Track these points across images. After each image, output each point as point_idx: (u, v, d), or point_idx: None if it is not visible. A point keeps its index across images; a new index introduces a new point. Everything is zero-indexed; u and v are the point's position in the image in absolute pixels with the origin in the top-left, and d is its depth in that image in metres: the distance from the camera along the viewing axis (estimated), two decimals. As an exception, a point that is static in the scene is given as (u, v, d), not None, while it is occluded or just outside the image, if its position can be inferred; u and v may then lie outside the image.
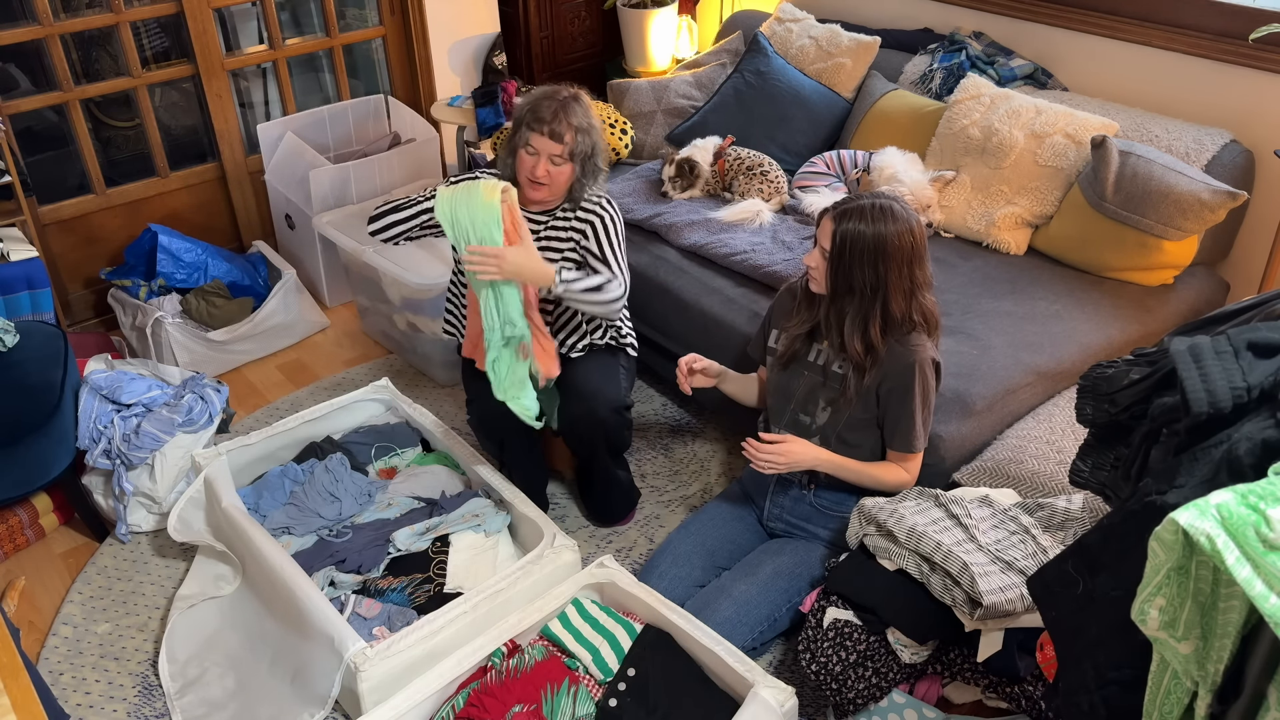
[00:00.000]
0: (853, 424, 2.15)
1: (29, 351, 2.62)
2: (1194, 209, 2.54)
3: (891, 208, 2.05)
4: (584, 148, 2.34)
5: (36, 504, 2.67)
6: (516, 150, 2.35)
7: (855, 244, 2.03)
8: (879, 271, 2.04)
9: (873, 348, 2.09)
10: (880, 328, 2.08)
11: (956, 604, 1.85)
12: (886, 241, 2.02)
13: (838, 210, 2.07)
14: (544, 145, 2.31)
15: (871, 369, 2.10)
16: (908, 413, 2.10)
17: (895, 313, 2.07)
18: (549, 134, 2.29)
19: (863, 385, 2.12)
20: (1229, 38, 2.76)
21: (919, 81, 3.33)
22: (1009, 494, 2.13)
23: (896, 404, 2.10)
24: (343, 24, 3.87)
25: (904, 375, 2.08)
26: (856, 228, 2.03)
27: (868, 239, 2.02)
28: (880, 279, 2.05)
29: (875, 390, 2.11)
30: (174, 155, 3.62)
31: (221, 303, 3.27)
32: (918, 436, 2.13)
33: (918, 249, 2.06)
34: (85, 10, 3.37)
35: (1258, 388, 1.11)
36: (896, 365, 2.08)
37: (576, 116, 2.32)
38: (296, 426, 2.70)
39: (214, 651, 2.29)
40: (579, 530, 2.66)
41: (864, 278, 2.05)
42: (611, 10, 4.31)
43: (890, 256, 2.02)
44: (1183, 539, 0.96)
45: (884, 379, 2.10)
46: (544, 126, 2.29)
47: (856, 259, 2.03)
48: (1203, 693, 1.03)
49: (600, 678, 1.99)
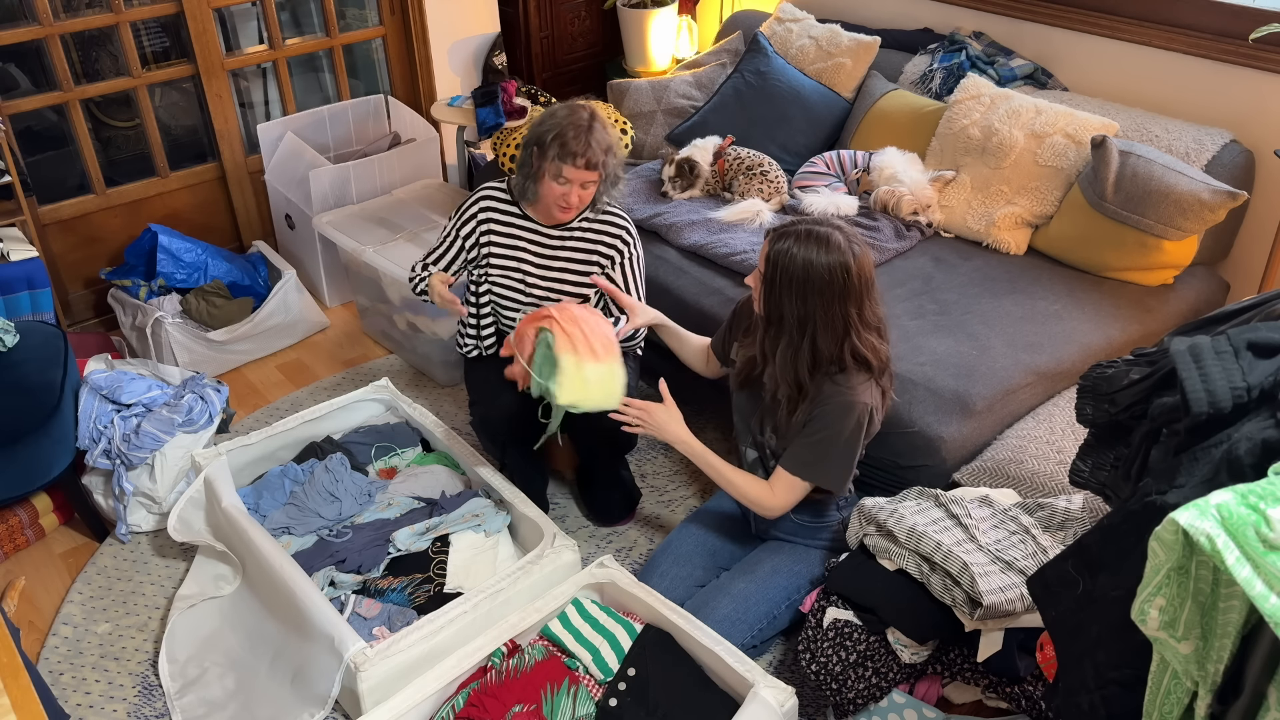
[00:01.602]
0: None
1: (29, 351, 2.62)
2: (1194, 209, 2.54)
3: (830, 237, 1.94)
4: (612, 168, 2.35)
5: (36, 504, 2.67)
6: (542, 177, 2.31)
7: (785, 268, 1.94)
8: (807, 305, 1.95)
9: (801, 385, 2.01)
10: (809, 365, 1.99)
11: (956, 604, 1.85)
12: (814, 271, 1.92)
13: (777, 231, 1.99)
14: (578, 175, 2.29)
15: (802, 404, 2.03)
16: (814, 441, 2.01)
17: (824, 351, 1.98)
18: (585, 165, 2.27)
19: (793, 420, 2.05)
20: (1229, 38, 2.76)
21: (919, 81, 3.33)
22: (1009, 494, 2.13)
23: (811, 430, 2.02)
24: (343, 24, 3.87)
25: (828, 410, 1.99)
26: (789, 249, 1.94)
27: (796, 264, 1.93)
28: (808, 313, 1.95)
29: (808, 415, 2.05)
30: (174, 155, 3.62)
31: (221, 303, 3.27)
32: (808, 468, 2.04)
33: (852, 286, 1.93)
34: (85, 10, 3.37)
35: (1258, 388, 1.11)
36: (826, 402, 2.00)
37: (603, 139, 2.29)
38: (296, 426, 2.70)
39: (214, 651, 2.29)
40: (579, 530, 2.66)
41: (792, 310, 1.96)
42: (611, 10, 4.31)
43: (818, 289, 1.93)
44: (1183, 539, 0.96)
45: (816, 407, 2.02)
46: (578, 160, 2.26)
47: (785, 286, 1.95)
48: (1203, 693, 1.03)
49: (600, 677, 1.99)
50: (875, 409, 2.03)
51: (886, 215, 2.98)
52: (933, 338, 2.49)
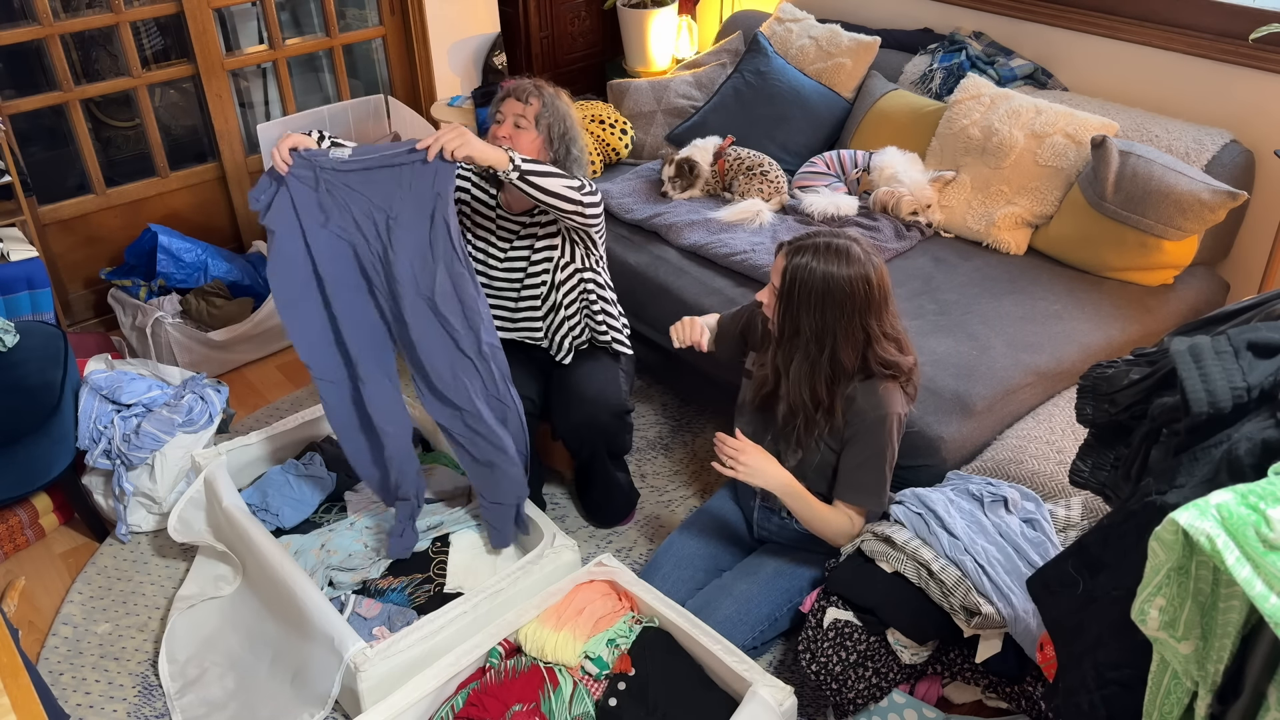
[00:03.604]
0: (820, 467, 2.09)
1: (29, 351, 2.62)
2: (1194, 209, 2.54)
3: (849, 250, 1.92)
4: (553, 121, 2.34)
5: (36, 504, 2.67)
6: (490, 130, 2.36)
7: (804, 282, 1.92)
8: (826, 318, 1.92)
9: (820, 401, 1.99)
10: (828, 380, 1.98)
11: (954, 609, 1.86)
12: (835, 284, 1.90)
13: (793, 245, 1.97)
14: (510, 107, 2.33)
15: (822, 420, 2.02)
16: (872, 468, 2.02)
17: (845, 364, 1.96)
18: (514, 94, 2.33)
19: (812, 436, 2.04)
20: (1229, 38, 2.76)
21: (919, 81, 3.33)
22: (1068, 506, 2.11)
23: (857, 455, 2.02)
24: (343, 24, 3.87)
25: (872, 429, 1.99)
26: (807, 263, 1.92)
27: (816, 277, 1.90)
28: (828, 327, 1.93)
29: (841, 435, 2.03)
30: (174, 155, 3.61)
31: (221, 303, 3.27)
32: (870, 494, 2.04)
33: (873, 297, 1.92)
34: (85, 10, 3.37)
35: (1258, 388, 1.11)
36: (865, 416, 1.99)
37: (549, 95, 2.35)
38: (296, 426, 2.70)
39: (214, 651, 2.29)
40: (579, 530, 2.66)
41: (811, 324, 1.94)
42: (611, 10, 4.31)
43: (839, 303, 1.91)
44: (1183, 539, 0.96)
45: (849, 426, 2.01)
46: (514, 90, 2.33)
47: (804, 300, 1.92)
48: (1203, 693, 1.03)
49: (596, 672, 1.99)
50: (903, 416, 2.03)
51: (886, 215, 2.98)
52: (933, 338, 2.49)
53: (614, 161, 3.56)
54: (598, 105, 3.60)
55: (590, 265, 2.44)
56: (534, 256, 2.40)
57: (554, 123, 2.34)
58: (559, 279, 2.40)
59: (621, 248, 3.03)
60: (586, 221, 2.29)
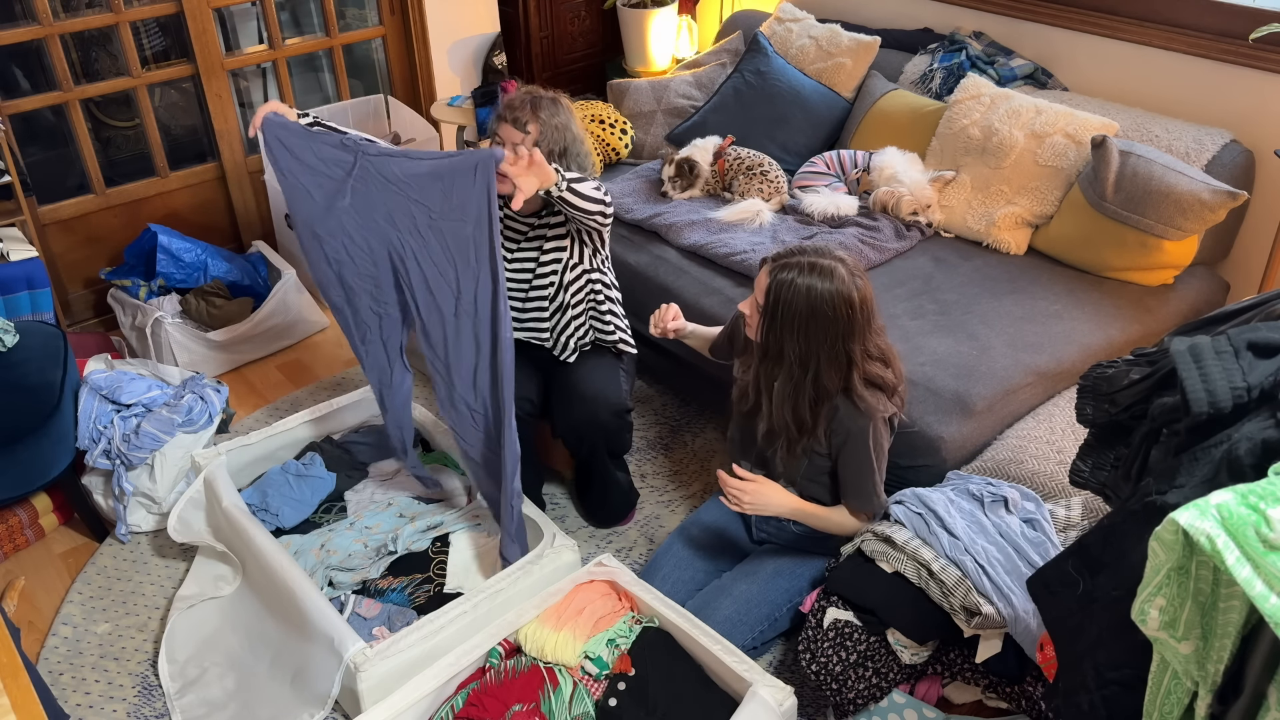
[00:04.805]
0: (811, 473, 2.11)
1: (29, 351, 2.62)
2: (1194, 209, 2.54)
3: (834, 269, 1.91)
4: (552, 143, 2.31)
5: (36, 504, 2.67)
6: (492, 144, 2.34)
7: (787, 302, 1.91)
8: (810, 342, 1.92)
9: (804, 423, 2.00)
10: (811, 402, 1.98)
11: (954, 610, 1.86)
12: (819, 305, 1.89)
13: (777, 261, 1.97)
14: (508, 134, 2.30)
15: (803, 438, 2.03)
16: (866, 472, 2.04)
17: (829, 387, 1.97)
18: (512, 121, 2.29)
19: (797, 450, 2.05)
20: (1229, 38, 2.76)
21: (919, 81, 3.33)
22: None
23: (852, 462, 2.04)
24: (342, 24, 3.87)
25: (858, 437, 1.99)
26: (791, 279, 1.91)
27: (799, 296, 1.90)
28: (811, 351, 1.93)
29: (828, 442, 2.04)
30: (174, 155, 3.62)
31: (221, 303, 3.27)
32: (872, 496, 2.08)
33: (855, 320, 1.91)
34: (85, 10, 3.37)
35: (1258, 388, 1.11)
36: (848, 425, 2.00)
37: (547, 112, 2.31)
38: (296, 426, 2.70)
39: (214, 652, 2.29)
40: (579, 530, 2.66)
41: (794, 348, 1.93)
42: (611, 10, 4.31)
43: (822, 326, 1.90)
44: (1183, 539, 0.96)
45: (835, 435, 2.02)
46: (510, 114, 2.30)
47: (787, 320, 1.92)
48: (1203, 693, 1.03)
49: (596, 672, 1.99)
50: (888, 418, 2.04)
51: (886, 215, 2.98)
52: (933, 338, 2.50)
53: (614, 161, 3.56)
54: (598, 105, 3.60)
55: (597, 265, 2.44)
56: (542, 258, 2.41)
57: (552, 143, 2.33)
58: (567, 279, 2.41)
59: (621, 248, 3.03)
60: (606, 222, 2.31)
